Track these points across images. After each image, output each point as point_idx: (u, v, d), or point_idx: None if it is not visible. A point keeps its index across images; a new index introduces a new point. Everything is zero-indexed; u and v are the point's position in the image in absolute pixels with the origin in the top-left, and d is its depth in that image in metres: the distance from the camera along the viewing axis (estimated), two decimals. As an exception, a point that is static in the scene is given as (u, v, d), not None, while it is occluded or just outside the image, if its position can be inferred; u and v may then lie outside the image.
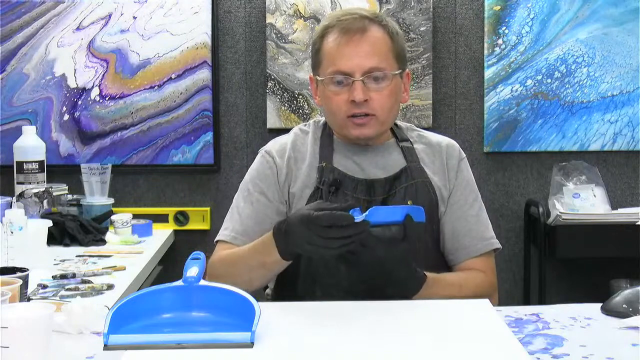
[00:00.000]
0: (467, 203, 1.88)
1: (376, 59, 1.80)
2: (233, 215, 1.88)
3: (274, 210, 1.84)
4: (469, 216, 1.87)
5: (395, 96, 1.84)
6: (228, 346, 1.33)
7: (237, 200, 1.89)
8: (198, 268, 1.46)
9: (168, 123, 3.22)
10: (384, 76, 1.81)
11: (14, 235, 2.18)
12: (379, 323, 1.49)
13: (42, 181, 2.90)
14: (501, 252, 1.95)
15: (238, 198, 1.90)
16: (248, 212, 1.85)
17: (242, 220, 1.84)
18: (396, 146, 1.91)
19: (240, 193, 1.90)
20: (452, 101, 3.27)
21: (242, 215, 1.85)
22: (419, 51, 3.19)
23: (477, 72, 3.25)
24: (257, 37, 3.23)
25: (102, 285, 1.99)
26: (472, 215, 1.87)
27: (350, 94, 1.79)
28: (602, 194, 3.14)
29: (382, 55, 1.81)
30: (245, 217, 1.84)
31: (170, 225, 3.23)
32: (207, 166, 3.24)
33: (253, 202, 1.85)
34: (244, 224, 1.84)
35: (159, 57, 3.19)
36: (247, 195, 1.87)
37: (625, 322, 1.49)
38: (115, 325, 1.35)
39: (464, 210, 1.87)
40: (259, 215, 1.84)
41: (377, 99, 1.80)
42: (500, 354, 1.33)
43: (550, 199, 3.15)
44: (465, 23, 3.25)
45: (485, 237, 1.87)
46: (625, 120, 3.23)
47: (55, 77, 3.19)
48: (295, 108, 3.19)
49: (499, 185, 3.29)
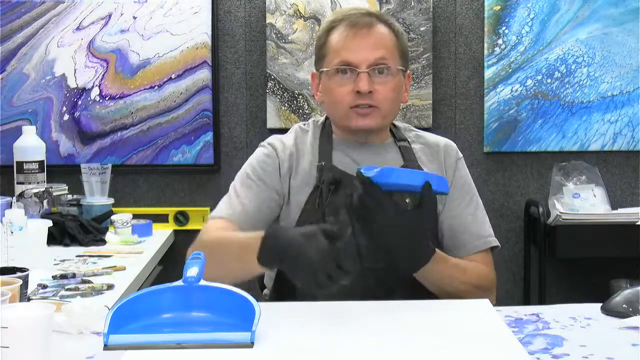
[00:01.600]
0: (464, 201, 1.88)
1: (382, 52, 1.82)
2: (230, 197, 1.86)
3: (271, 198, 1.84)
4: (466, 215, 1.87)
5: (398, 91, 1.86)
6: (228, 346, 1.33)
7: (235, 185, 1.88)
8: (198, 268, 1.45)
9: (168, 123, 3.22)
10: (389, 69, 1.83)
11: (14, 235, 2.18)
12: (379, 323, 1.49)
13: (42, 181, 2.90)
14: (501, 252, 1.95)
15: (236, 183, 1.88)
16: (246, 194, 1.84)
17: (240, 200, 1.83)
18: (394, 145, 1.92)
19: (238, 179, 1.89)
20: (452, 101, 3.27)
21: (240, 196, 1.84)
22: (419, 51, 3.19)
23: (477, 72, 3.25)
24: (257, 37, 3.23)
25: (102, 285, 2.00)
26: (468, 213, 1.87)
27: (356, 85, 1.80)
28: (602, 194, 3.14)
29: (388, 50, 1.83)
30: (244, 198, 1.83)
31: (170, 225, 3.22)
32: (207, 166, 3.24)
33: (252, 187, 1.84)
34: (242, 205, 1.82)
35: (159, 57, 3.19)
36: (246, 179, 1.86)
37: (625, 322, 1.49)
38: (115, 325, 1.35)
39: (462, 209, 1.87)
40: (258, 199, 1.83)
41: (382, 91, 1.82)
42: (500, 354, 1.33)
43: (550, 199, 3.16)
44: (465, 23, 3.25)
45: (483, 235, 1.87)
46: (625, 120, 3.23)
47: (55, 77, 3.19)
48: (295, 108, 3.19)
49: (499, 185, 3.29)
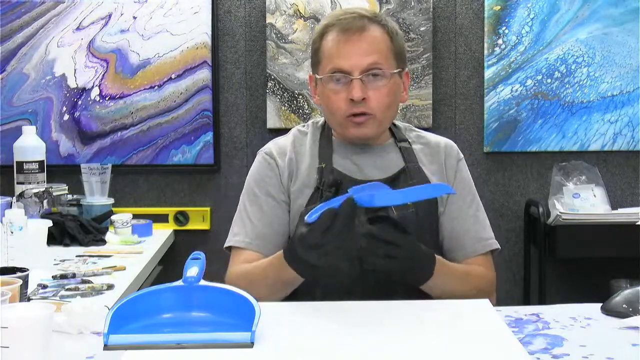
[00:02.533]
0: (465, 203, 1.88)
1: (374, 57, 1.80)
2: (243, 220, 1.86)
3: (282, 210, 1.84)
4: (466, 216, 1.86)
5: (393, 95, 1.84)
6: (228, 346, 1.33)
7: (244, 204, 1.88)
8: (198, 268, 1.46)
9: (168, 123, 3.22)
10: (382, 74, 1.80)
11: (14, 235, 2.18)
12: (379, 323, 1.49)
13: (42, 181, 2.90)
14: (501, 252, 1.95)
15: (244, 202, 1.88)
16: (258, 215, 1.84)
17: (253, 225, 1.83)
18: (394, 146, 1.91)
19: (246, 197, 1.88)
20: (452, 101, 3.27)
21: (252, 219, 1.83)
22: (419, 51, 3.19)
23: (477, 72, 3.25)
24: (257, 37, 3.23)
25: (102, 285, 1.99)
26: (469, 215, 1.87)
27: (349, 93, 1.79)
28: (602, 194, 3.14)
29: (380, 54, 1.81)
30: (257, 221, 1.83)
31: (170, 225, 3.22)
32: (207, 166, 3.24)
33: (262, 205, 1.84)
34: (256, 228, 1.82)
35: (159, 57, 3.19)
36: (254, 198, 1.86)
37: (625, 322, 1.49)
38: (115, 325, 1.35)
39: (462, 211, 1.86)
40: (269, 217, 1.83)
41: (375, 97, 1.80)
42: (500, 354, 1.33)
43: (550, 199, 3.15)
44: (465, 23, 3.25)
45: (483, 237, 1.86)
46: (625, 120, 3.23)
47: (55, 77, 3.19)
48: (295, 108, 3.19)
49: (499, 185, 3.29)
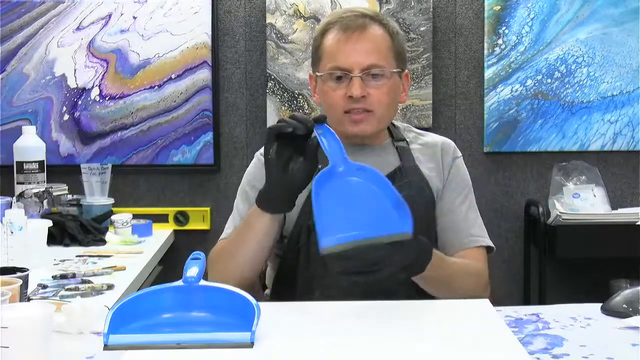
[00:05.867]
0: (458, 199, 1.87)
1: (375, 56, 1.80)
2: (234, 217, 1.89)
3: None
4: (457, 212, 1.86)
5: (393, 94, 1.84)
6: (228, 346, 1.33)
7: (237, 203, 1.91)
8: (198, 268, 1.46)
9: (168, 123, 3.21)
10: (382, 73, 1.81)
11: (14, 235, 2.18)
12: (378, 323, 1.49)
13: (42, 181, 2.90)
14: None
15: (237, 201, 1.91)
16: (245, 207, 1.85)
17: (241, 217, 1.85)
18: (392, 146, 1.91)
19: (238, 196, 1.91)
20: (452, 101, 3.27)
21: (242, 216, 1.85)
22: (419, 51, 3.19)
23: (477, 72, 3.25)
24: (257, 37, 3.23)
25: (102, 285, 1.99)
26: (461, 211, 1.86)
27: (348, 90, 1.79)
28: (602, 194, 3.14)
29: (381, 53, 1.81)
30: (244, 212, 1.85)
31: (170, 225, 3.22)
32: (207, 166, 3.24)
33: (249, 199, 1.85)
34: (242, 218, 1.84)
35: (159, 57, 3.19)
36: (246, 197, 1.88)
37: (625, 322, 1.49)
38: (115, 325, 1.35)
39: (455, 206, 1.86)
40: None
41: (375, 95, 1.80)
42: (500, 354, 1.33)
43: (550, 199, 3.15)
44: (465, 23, 3.25)
45: (473, 234, 1.85)
46: (625, 120, 3.23)
47: (55, 77, 3.19)
48: (295, 108, 3.19)
49: (499, 185, 3.29)
